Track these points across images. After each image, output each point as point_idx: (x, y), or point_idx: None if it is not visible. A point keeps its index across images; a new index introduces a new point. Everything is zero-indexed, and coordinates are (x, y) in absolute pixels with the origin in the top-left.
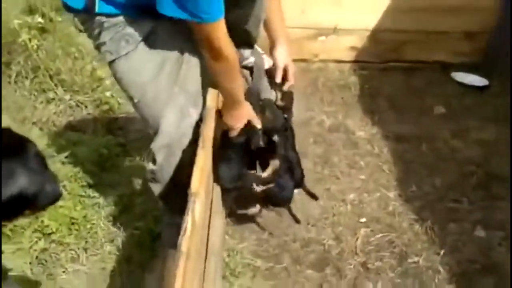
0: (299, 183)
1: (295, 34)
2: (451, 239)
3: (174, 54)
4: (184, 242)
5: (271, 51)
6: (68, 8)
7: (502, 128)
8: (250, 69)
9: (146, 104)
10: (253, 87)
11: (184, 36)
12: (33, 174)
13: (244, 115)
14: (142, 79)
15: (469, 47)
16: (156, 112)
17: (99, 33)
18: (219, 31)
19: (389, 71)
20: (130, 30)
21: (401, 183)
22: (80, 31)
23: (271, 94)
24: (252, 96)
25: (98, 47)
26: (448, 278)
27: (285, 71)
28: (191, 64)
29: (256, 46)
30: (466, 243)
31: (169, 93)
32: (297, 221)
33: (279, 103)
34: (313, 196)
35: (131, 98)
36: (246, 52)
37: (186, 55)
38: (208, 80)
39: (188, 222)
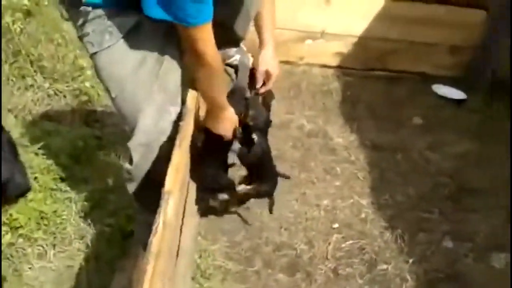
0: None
1: (282, 35)
2: (420, 248)
3: (156, 50)
4: (155, 242)
5: (258, 50)
6: None
7: (476, 142)
8: (235, 67)
9: (124, 99)
10: (238, 84)
11: (168, 33)
12: (3, 162)
13: (229, 121)
14: (121, 73)
15: (452, 60)
16: (134, 108)
17: (83, 24)
18: (205, 36)
19: (371, 79)
20: (114, 23)
21: (375, 191)
22: (66, 19)
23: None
24: (237, 94)
25: (81, 38)
26: (414, 286)
27: (267, 74)
28: (173, 63)
29: (241, 44)
30: (434, 252)
31: (148, 90)
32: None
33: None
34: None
35: (109, 92)
36: (232, 50)
37: (169, 52)
38: (189, 82)
39: (159, 221)
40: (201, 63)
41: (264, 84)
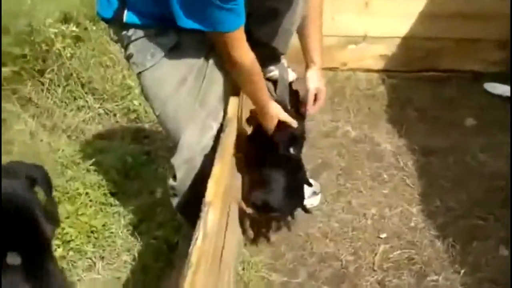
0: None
1: (324, 42)
2: (473, 257)
3: (196, 68)
4: (194, 252)
5: (305, 70)
6: (101, 18)
7: None
8: (274, 81)
9: (167, 117)
10: (278, 99)
11: (208, 48)
12: None
13: (273, 115)
14: (163, 93)
15: (503, 56)
16: (177, 126)
17: (128, 45)
18: (236, 41)
19: (419, 81)
20: (155, 43)
21: (425, 198)
22: (114, 41)
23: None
24: None
25: (127, 58)
26: None
27: (315, 95)
28: (213, 78)
29: (282, 59)
30: (489, 262)
31: (190, 108)
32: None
33: None
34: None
35: (154, 110)
36: (271, 66)
37: (209, 69)
38: (231, 89)
39: (199, 232)
40: (237, 68)
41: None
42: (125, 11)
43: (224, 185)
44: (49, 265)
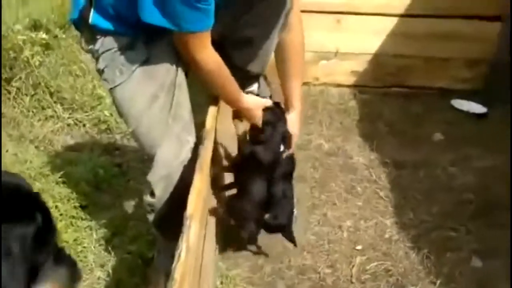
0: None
1: None
2: (448, 268)
3: (167, 84)
4: (178, 268)
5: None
6: (71, 21)
7: (501, 156)
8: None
9: (141, 134)
10: None
11: (177, 62)
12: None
13: (251, 107)
14: (135, 109)
15: (470, 74)
16: (152, 143)
17: (97, 58)
18: (201, 42)
19: (389, 96)
20: (124, 58)
21: (398, 210)
22: (85, 51)
23: None
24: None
25: (99, 73)
26: None
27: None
28: (184, 92)
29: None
30: (462, 273)
31: (163, 123)
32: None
33: None
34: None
35: (127, 126)
36: (249, 87)
37: (178, 79)
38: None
39: (182, 248)
40: (203, 70)
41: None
42: (91, 11)
43: (203, 197)
44: None
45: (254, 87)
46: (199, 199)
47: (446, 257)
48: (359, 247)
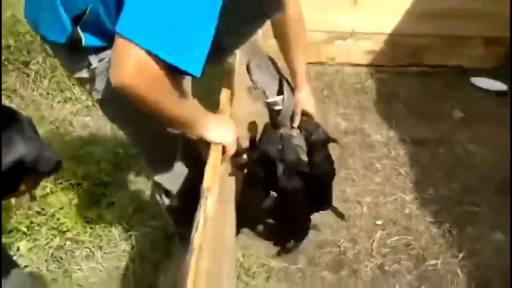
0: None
1: (312, 37)
2: (469, 242)
3: None
4: (196, 238)
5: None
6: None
7: None
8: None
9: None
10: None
11: None
12: (30, 141)
13: (218, 126)
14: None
15: (489, 52)
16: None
17: (93, 79)
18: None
19: (406, 75)
20: None
21: (418, 186)
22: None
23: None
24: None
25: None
26: (467, 282)
27: (306, 114)
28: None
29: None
30: (485, 246)
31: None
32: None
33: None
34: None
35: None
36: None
37: None
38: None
39: (200, 217)
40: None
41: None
42: (81, 34)
43: (220, 171)
44: None
45: (278, 98)
46: (215, 173)
47: (467, 231)
48: (379, 222)
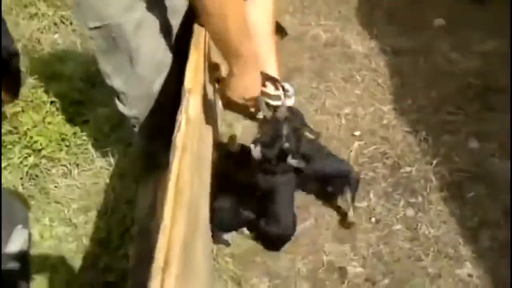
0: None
1: None
2: (444, 149)
3: None
4: (179, 137)
5: None
6: None
7: (503, 41)
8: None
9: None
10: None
11: None
12: None
13: (251, 78)
14: None
15: None
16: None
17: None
18: None
19: None
20: None
21: (397, 97)
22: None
23: None
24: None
25: None
26: (439, 187)
27: None
28: None
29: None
30: (459, 153)
31: None
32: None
33: None
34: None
35: None
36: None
37: None
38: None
39: (182, 118)
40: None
41: None
42: None
43: (202, 73)
44: None
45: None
46: (197, 73)
47: (444, 139)
48: (357, 133)
